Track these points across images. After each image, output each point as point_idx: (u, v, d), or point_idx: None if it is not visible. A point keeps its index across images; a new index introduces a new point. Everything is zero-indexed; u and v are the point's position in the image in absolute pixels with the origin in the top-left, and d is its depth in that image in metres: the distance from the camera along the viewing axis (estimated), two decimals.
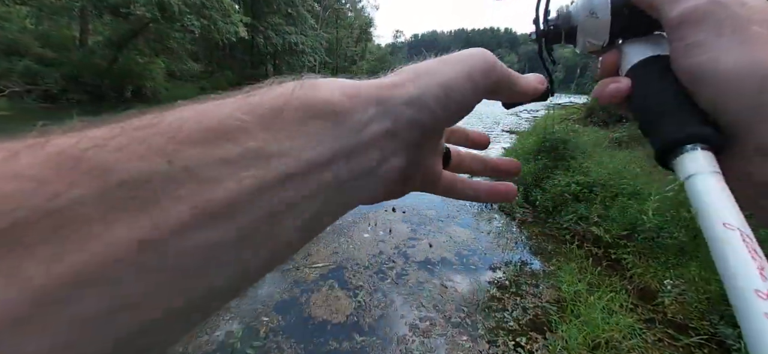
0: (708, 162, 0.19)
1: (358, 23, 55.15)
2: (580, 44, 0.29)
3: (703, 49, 0.21)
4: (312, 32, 33.52)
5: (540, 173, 4.73)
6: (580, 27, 0.28)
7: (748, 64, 0.19)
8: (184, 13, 15.44)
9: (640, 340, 2.22)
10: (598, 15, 0.26)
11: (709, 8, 0.21)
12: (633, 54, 0.25)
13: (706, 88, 0.21)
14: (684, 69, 0.22)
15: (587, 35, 0.28)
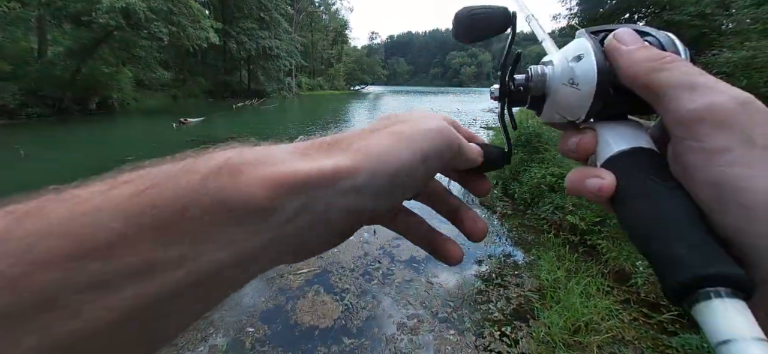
0: (748, 323, 0.14)
1: (333, 26, 54.91)
2: (547, 114, 0.25)
3: (731, 160, 0.17)
4: (286, 36, 33.06)
5: (517, 167, 4.87)
6: (553, 95, 0.24)
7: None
8: (151, 19, 14.85)
9: (617, 320, 2.33)
10: (580, 87, 0.22)
11: (738, 110, 0.17)
12: (613, 141, 0.22)
13: (734, 209, 0.16)
14: (703, 180, 0.18)
15: (560, 107, 0.24)
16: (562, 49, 0.25)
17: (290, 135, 10.38)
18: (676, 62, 0.20)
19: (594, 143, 0.23)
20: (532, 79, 0.25)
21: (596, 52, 0.22)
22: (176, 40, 17.41)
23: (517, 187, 4.62)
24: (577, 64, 0.22)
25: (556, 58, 0.24)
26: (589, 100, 0.22)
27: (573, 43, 0.24)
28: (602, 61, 0.22)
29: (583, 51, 0.22)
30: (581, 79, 0.22)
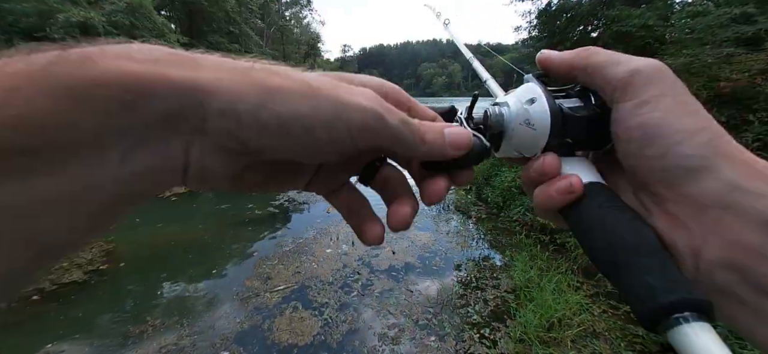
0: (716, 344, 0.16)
1: (305, 39, 54.81)
2: (504, 150, 0.27)
3: (653, 107, 0.21)
4: (257, 50, 32.63)
5: (488, 172, 5.04)
6: (510, 134, 0.26)
7: (694, 124, 0.21)
8: (111, 33, 14.22)
9: (588, 314, 2.45)
10: (536, 127, 0.24)
11: (653, 72, 0.22)
12: (575, 171, 0.24)
13: (657, 142, 0.21)
14: (635, 125, 0.22)
15: (518, 145, 0.26)
16: (514, 92, 0.27)
17: None
18: (596, 49, 0.24)
19: (558, 163, 0.24)
20: (491, 119, 0.26)
21: (547, 96, 0.25)
22: None
23: (489, 192, 4.77)
24: (531, 106, 0.25)
25: (510, 101, 0.26)
26: (545, 138, 0.24)
27: (523, 87, 0.27)
28: (553, 103, 0.24)
29: (535, 95, 0.25)
30: (536, 120, 0.24)
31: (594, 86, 0.25)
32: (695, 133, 0.21)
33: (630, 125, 0.22)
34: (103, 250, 3.64)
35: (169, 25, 21.63)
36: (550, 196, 0.23)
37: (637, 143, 0.22)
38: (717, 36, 4.56)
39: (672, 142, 0.21)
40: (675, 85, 0.22)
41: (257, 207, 5.05)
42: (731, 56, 4.08)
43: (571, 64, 0.25)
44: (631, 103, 0.22)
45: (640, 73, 0.22)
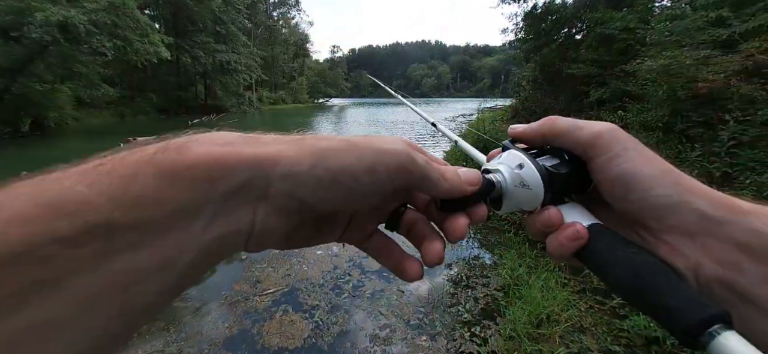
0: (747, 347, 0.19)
1: (294, 39, 54.33)
2: (506, 208, 0.30)
3: (623, 159, 0.26)
4: (245, 50, 32.16)
5: None
6: (509, 197, 0.29)
7: (658, 168, 0.26)
8: (92, 33, 13.79)
9: (575, 310, 2.50)
10: (531, 187, 0.28)
11: (611, 132, 0.27)
12: (570, 218, 0.28)
13: (636, 187, 0.25)
14: (614, 176, 0.26)
15: (518, 204, 0.29)
16: (501, 160, 0.31)
17: None
18: (556, 118, 0.30)
19: (560, 214, 0.28)
20: (487, 186, 0.29)
21: (532, 160, 0.29)
22: (122, 55, 16.27)
23: None
24: (522, 170, 0.29)
25: (501, 168, 0.30)
26: (541, 195, 0.28)
27: (507, 154, 0.31)
28: (539, 166, 0.28)
29: (521, 161, 0.29)
30: (530, 181, 0.28)
31: (565, 147, 0.29)
32: (662, 175, 0.25)
33: (609, 176, 0.27)
34: None
35: (153, 24, 21.14)
36: (562, 244, 0.27)
37: (621, 190, 0.26)
38: (694, 38, 4.73)
39: (647, 186, 0.25)
40: (630, 140, 0.27)
41: None
42: (708, 58, 4.23)
43: (541, 132, 0.30)
44: (603, 158, 0.27)
45: (602, 134, 0.27)
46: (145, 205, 0.16)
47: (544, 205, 0.28)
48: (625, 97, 6.30)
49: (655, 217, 0.25)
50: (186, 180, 0.17)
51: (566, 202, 0.29)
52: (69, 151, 10.92)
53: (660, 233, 0.25)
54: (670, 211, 0.25)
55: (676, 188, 0.25)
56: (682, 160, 4.17)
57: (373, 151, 0.22)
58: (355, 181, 0.21)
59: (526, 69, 13.88)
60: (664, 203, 0.25)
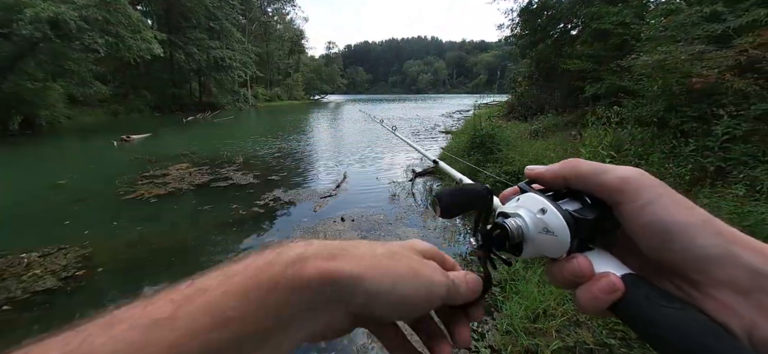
0: None
1: (288, 35, 53.92)
2: (526, 253, 0.29)
3: (657, 207, 0.24)
4: (239, 46, 31.87)
5: (474, 168, 5.11)
6: (531, 242, 0.28)
7: (698, 217, 0.24)
8: (84, 30, 13.60)
9: (571, 304, 2.51)
10: (556, 234, 0.26)
11: (641, 176, 0.26)
12: (605, 266, 0.26)
13: (677, 237, 0.23)
14: (650, 223, 0.24)
15: (541, 250, 0.28)
16: (520, 203, 0.30)
17: (246, 150, 9.97)
18: (578, 160, 0.29)
19: (590, 264, 0.26)
20: (513, 233, 0.29)
21: (554, 205, 0.27)
22: (115, 52, 16.07)
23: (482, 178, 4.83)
24: (544, 216, 0.27)
25: (522, 213, 0.29)
26: (567, 242, 0.26)
27: (525, 197, 0.30)
28: (563, 211, 0.27)
29: (543, 205, 0.28)
30: (554, 228, 0.27)
31: (588, 191, 0.28)
32: (703, 225, 0.24)
33: (642, 223, 0.25)
34: (79, 255, 3.49)
35: (146, 20, 20.87)
36: (596, 297, 0.25)
37: (659, 239, 0.24)
38: (689, 33, 4.75)
39: (690, 235, 0.23)
40: (662, 185, 0.25)
41: (242, 207, 4.96)
42: (702, 53, 4.25)
43: (562, 174, 0.29)
44: (635, 204, 0.25)
45: (630, 179, 0.26)
46: (279, 315, 0.21)
47: (570, 252, 0.27)
48: (620, 93, 6.33)
49: (700, 270, 0.23)
50: (304, 292, 0.22)
51: (592, 249, 0.27)
52: (65, 149, 10.79)
53: (705, 287, 0.23)
54: (717, 263, 0.23)
55: (719, 238, 0.23)
56: (676, 154, 4.20)
57: (427, 283, 0.26)
58: (414, 307, 0.26)
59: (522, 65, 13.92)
60: (710, 255, 0.23)
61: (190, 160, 8.04)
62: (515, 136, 6.51)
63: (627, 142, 5.02)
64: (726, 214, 2.52)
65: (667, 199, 0.25)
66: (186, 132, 14.41)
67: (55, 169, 7.72)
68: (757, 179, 3.26)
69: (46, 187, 6.01)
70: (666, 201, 0.24)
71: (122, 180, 6.31)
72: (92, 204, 5.18)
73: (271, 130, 14.63)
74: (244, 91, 34.64)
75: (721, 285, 0.23)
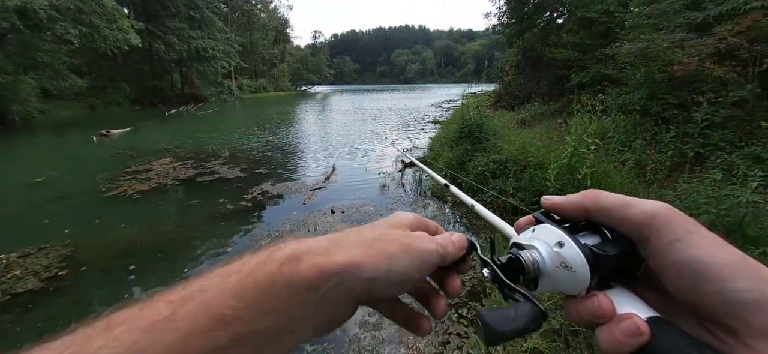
0: None
1: (273, 24, 52.58)
2: (542, 287, 0.27)
3: (688, 244, 0.22)
4: (222, 36, 30.94)
5: (463, 157, 5.14)
6: (548, 277, 0.27)
7: (732, 256, 0.22)
8: (55, 19, 12.96)
9: None
10: (575, 269, 0.25)
11: (669, 212, 0.24)
12: (628, 307, 0.24)
13: (711, 278, 0.21)
14: (680, 262, 0.22)
15: (559, 286, 0.26)
16: (535, 234, 0.28)
17: (232, 143, 9.78)
18: (598, 192, 0.27)
19: (611, 303, 0.24)
20: (528, 266, 0.27)
21: (573, 239, 0.26)
22: (89, 43, 15.41)
23: (464, 176, 4.88)
24: (562, 249, 0.26)
25: (538, 245, 0.27)
26: (587, 279, 0.25)
27: (541, 228, 0.28)
28: (582, 246, 0.25)
29: (561, 238, 0.26)
30: (573, 263, 0.25)
31: (610, 225, 0.26)
32: (738, 265, 0.21)
33: (673, 261, 0.23)
34: (61, 255, 3.39)
35: (122, 9, 20.00)
36: (619, 340, 0.23)
37: (690, 280, 0.22)
38: (671, 21, 4.83)
39: (723, 276, 0.21)
40: (693, 222, 0.24)
41: (229, 201, 4.88)
42: (683, 41, 4.35)
43: (582, 206, 0.28)
44: (663, 241, 0.23)
45: (658, 214, 0.24)
46: (278, 313, 0.21)
47: (590, 290, 0.25)
48: (605, 81, 6.44)
49: (735, 316, 0.21)
50: (303, 289, 0.22)
51: (613, 287, 0.25)
52: (41, 145, 10.36)
53: (741, 336, 0.21)
54: (754, 309, 0.20)
55: (760, 282, 0.21)
56: (658, 141, 4.33)
57: (421, 253, 0.28)
58: (411, 279, 0.27)
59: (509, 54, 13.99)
60: (748, 300, 0.20)
61: (173, 155, 7.84)
62: (503, 125, 6.57)
63: (611, 130, 5.13)
64: (704, 198, 2.62)
65: (697, 237, 0.23)
66: (168, 125, 14.01)
67: (31, 166, 7.41)
68: (734, 164, 3.39)
69: (23, 186, 5.77)
70: (696, 239, 0.23)
71: (103, 176, 6.11)
72: (72, 202, 5.01)
73: (258, 123, 14.37)
74: (228, 83, 33.79)
75: (759, 334, 0.20)
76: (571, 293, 0.26)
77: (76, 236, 3.79)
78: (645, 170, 3.96)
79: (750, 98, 3.82)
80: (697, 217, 2.53)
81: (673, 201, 2.83)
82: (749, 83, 3.87)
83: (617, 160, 4.36)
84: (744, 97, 3.83)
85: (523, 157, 4.42)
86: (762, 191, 2.81)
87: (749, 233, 2.40)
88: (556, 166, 3.67)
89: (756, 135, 3.59)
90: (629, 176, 3.94)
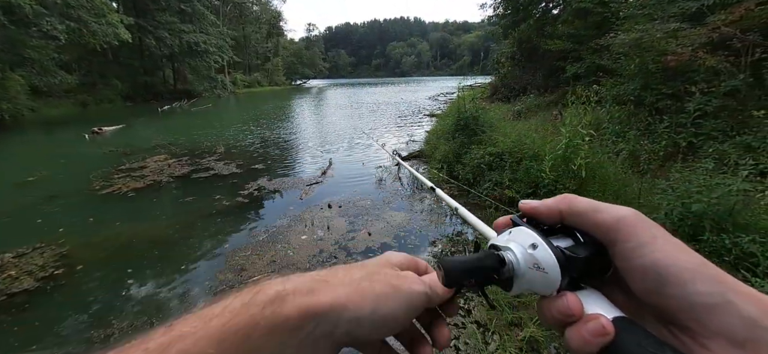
0: None
1: (266, 17, 51.87)
2: (516, 288, 0.28)
3: (652, 248, 0.24)
4: (214, 30, 30.47)
5: (459, 150, 5.15)
6: (521, 278, 0.28)
7: (693, 261, 0.23)
8: (41, 14, 12.67)
9: None
10: (547, 270, 0.26)
11: (635, 217, 0.25)
12: (596, 307, 0.25)
13: (673, 281, 0.22)
14: (645, 265, 0.23)
15: (531, 286, 0.27)
16: (511, 236, 0.29)
17: (227, 139, 9.70)
18: (573, 197, 0.28)
19: (580, 303, 0.25)
20: (507, 268, 0.28)
21: (546, 241, 0.27)
22: (77, 38, 15.10)
23: (460, 169, 4.89)
24: (535, 251, 0.27)
25: (513, 247, 0.28)
26: (558, 280, 0.26)
27: (517, 230, 0.29)
28: (554, 248, 0.26)
29: (535, 241, 0.27)
30: (545, 264, 0.26)
31: (582, 228, 0.28)
32: (699, 269, 0.23)
33: (637, 265, 0.24)
34: (56, 254, 3.36)
35: (110, 3, 19.59)
36: (585, 340, 0.24)
37: (654, 282, 0.23)
38: (665, 11, 4.84)
39: (684, 280, 0.22)
40: (657, 227, 0.25)
41: (225, 198, 4.86)
42: (677, 31, 4.36)
43: (557, 209, 0.29)
44: (629, 245, 0.25)
45: (626, 218, 0.25)
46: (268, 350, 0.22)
47: (560, 290, 0.26)
48: (600, 72, 6.46)
49: (694, 318, 0.22)
50: (286, 331, 0.22)
51: (583, 288, 0.27)
52: (31, 143, 10.19)
53: (700, 337, 0.22)
54: (714, 312, 0.21)
55: (718, 286, 0.22)
56: (651, 131, 4.36)
57: (407, 295, 0.28)
58: (397, 321, 0.27)
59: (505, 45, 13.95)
60: (707, 303, 0.22)
61: (168, 152, 7.77)
62: (498, 117, 6.58)
63: (605, 121, 5.16)
64: (696, 187, 2.65)
65: (662, 241, 0.24)
66: (162, 122, 13.84)
67: (22, 165, 7.31)
68: (725, 153, 3.43)
69: (15, 185, 5.69)
70: (661, 243, 0.24)
71: (97, 174, 6.04)
72: (66, 201, 4.96)
73: (253, 118, 14.25)
74: (221, 78, 33.38)
75: (716, 335, 0.21)
76: (543, 293, 0.27)
77: (70, 235, 3.76)
78: (639, 160, 4.00)
79: (742, 88, 3.86)
80: (689, 205, 2.57)
81: (665, 190, 2.87)
82: (742, 73, 3.91)
83: (611, 150, 4.40)
84: (736, 86, 3.87)
85: (519, 149, 4.44)
86: (753, 180, 2.85)
87: (739, 221, 2.45)
88: (551, 157, 3.69)
89: (748, 124, 3.63)
90: (623, 166, 3.97)
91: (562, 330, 0.26)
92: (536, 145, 4.38)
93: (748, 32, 3.91)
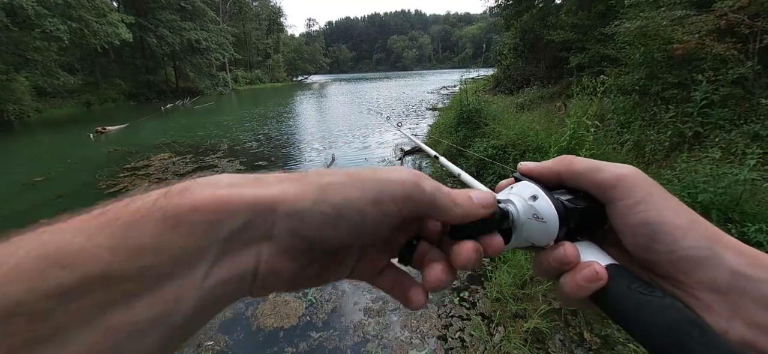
0: None
1: (266, 13, 51.70)
2: (514, 242, 0.28)
3: (647, 205, 0.24)
4: (214, 27, 30.43)
5: (463, 142, 5.13)
6: (520, 229, 0.27)
7: (686, 217, 0.24)
8: (43, 16, 12.71)
9: None
10: (545, 220, 0.26)
11: (635, 175, 0.25)
12: (591, 256, 0.26)
13: (664, 238, 0.23)
14: (638, 222, 0.24)
15: (530, 237, 0.28)
16: (514, 190, 0.29)
17: (231, 136, 9.72)
18: (572, 157, 0.28)
19: (576, 251, 0.25)
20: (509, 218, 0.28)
21: (546, 192, 0.27)
22: (79, 39, 15.15)
23: (463, 161, 4.88)
24: (535, 202, 0.27)
25: (513, 198, 0.28)
26: (556, 230, 0.26)
27: (519, 185, 0.29)
28: (554, 198, 0.27)
29: (535, 192, 0.28)
30: (544, 214, 0.26)
31: (582, 188, 0.28)
32: (691, 225, 0.24)
33: (632, 222, 0.25)
34: None
35: (110, 2, 19.62)
36: (579, 285, 0.24)
37: (646, 238, 0.24)
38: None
39: (676, 236, 0.23)
40: (655, 185, 0.25)
41: None
42: (683, 18, 4.29)
43: (556, 170, 0.29)
44: (625, 202, 0.25)
45: (625, 177, 0.26)
46: (144, 253, 0.16)
47: (558, 240, 0.27)
48: (604, 62, 6.38)
49: (683, 271, 0.23)
50: (187, 224, 0.17)
51: (579, 240, 0.27)
52: (38, 144, 10.29)
53: (687, 287, 0.23)
54: (701, 265, 0.23)
55: (707, 241, 0.23)
56: (657, 121, 4.31)
57: (378, 181, 0.22)
58: (361, 215, 0.21)
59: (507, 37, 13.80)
60: (695, 256, 0.23)
61: (172, 150, 7.81)
62: (501, 109, 6.53)
63: (610, 112, 5.11)
64: (702, 177, 2.63)
65: (658, 198, 0.25)
66: (165, 120, 13.89)
67: (29, 165, 7.39)
68: (732, 142, 3.39)
69: (22, 185, 5.76)
70: (657, 200, 0.24)
71: (102, 173, 6.11)
72: (73, 200, 5.01)
73: (255, 115, 14.26)
74: (222, 75, 33.40)
75: (702, 286, 0.22)
76: (540, 244, 0.28)
77: None
78: (644, 151, 3.96)
79: (750, 75, 3.80)
80: (695, 195, 2.54)
81: (671, 180, 2.84)
82: (749, 60, 3.84)
83: (616, 141, 4.36)
84: (744, 74, 3.80)
85: (522, 141, 4.41)
86: (760, 168, 2.82)
87: (747, 210, 2.42)
88: (555, 149, 3.67)
89: (755, 112, 3.58)
90: (628, 157, 3.94)
91: (557, 278, 0.26)
92: (540, 137, 4.35)
93: (756, 18, 3.84)
